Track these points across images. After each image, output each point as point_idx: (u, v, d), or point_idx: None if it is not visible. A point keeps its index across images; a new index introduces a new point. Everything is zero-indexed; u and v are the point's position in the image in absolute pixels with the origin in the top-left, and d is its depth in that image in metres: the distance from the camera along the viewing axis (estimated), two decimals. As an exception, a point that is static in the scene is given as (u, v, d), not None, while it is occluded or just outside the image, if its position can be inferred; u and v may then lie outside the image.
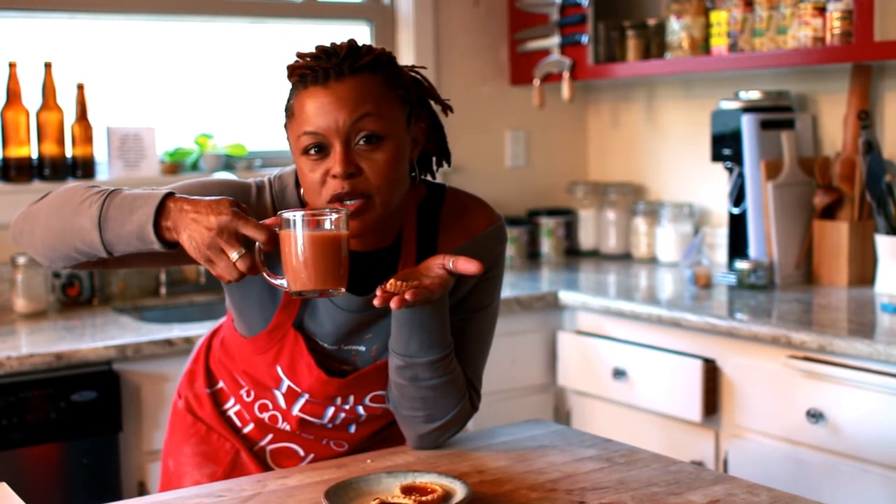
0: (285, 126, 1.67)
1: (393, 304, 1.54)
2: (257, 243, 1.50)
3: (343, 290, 1.55)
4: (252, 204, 1.70)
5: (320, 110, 1.58)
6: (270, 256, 1.60)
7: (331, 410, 1.81)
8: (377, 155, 1.60)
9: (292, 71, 1.63)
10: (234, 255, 1.49)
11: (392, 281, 1.56)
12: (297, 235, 1.51)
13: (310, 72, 1.60)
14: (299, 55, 1.64)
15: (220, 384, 1.92)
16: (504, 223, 1.81)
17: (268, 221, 1.52)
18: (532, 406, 3.20)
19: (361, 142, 1.60)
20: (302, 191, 1.69)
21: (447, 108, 1.78)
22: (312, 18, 3.69)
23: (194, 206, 1.51)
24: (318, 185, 1.60)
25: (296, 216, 1.51)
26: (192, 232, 1.50)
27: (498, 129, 3.98)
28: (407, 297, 1.54)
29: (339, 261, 1.53)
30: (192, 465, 1.92)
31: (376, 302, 1.55)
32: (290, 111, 1.64)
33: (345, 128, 1.58)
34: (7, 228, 3.10)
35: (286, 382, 1.78)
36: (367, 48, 1.64)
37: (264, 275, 1.54)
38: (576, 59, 3.68)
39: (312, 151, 1.60)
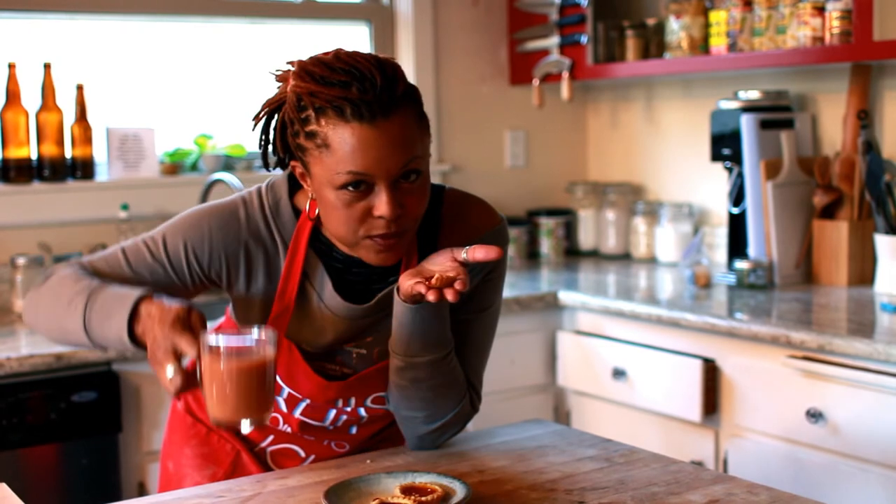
0: (305, 150, 1.58)
1: (449, 295, 1.52)
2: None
3: (267, 417, 1.49)
4: (242, 225, 1.69)
5: (369, 152, 1.52)
6: None
7: (332, 413, 1.80)
8: (416, 191, 1.59)
9: (319, 92, 1.54)
10: (168, 371, 1.47)
11: (437, 276, 1.54)
12: (216, 365, 1.44)
13: (349, 104, 1.52)
14: (316, 74, 1.55)
15: None
16: (506, 224, 1.81)
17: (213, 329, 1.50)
18: (532, 406, 3.20)
19: (406, 181, 1.57)
20: (317, 212, 1.66)
21: None
22: (311, 19, 3.69)
23: (155, 312, 1.52)
24: (356, 221, 1.57)
25: (218, 342, 1.44)
26: (148, 342, 1.51)
27: (497, 129, 3.98)
28: (457, 286, 1.53)
29: (264, 389, 1.46)
30: (192, 467, 1.92)
31: (431, 298, 1.53)
32: (321, 140, 1.55)
33: (396, 170, 1.54)
34: (7, 230, 3.11)
35: (286, 389, 1.77)
36: (392, 67, 1.57)
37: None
38: (575, 59, 3.68)
39: (351, 188, 1.55)
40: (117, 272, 1.70)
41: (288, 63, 1.65)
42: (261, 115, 1.70)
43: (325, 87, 1.54)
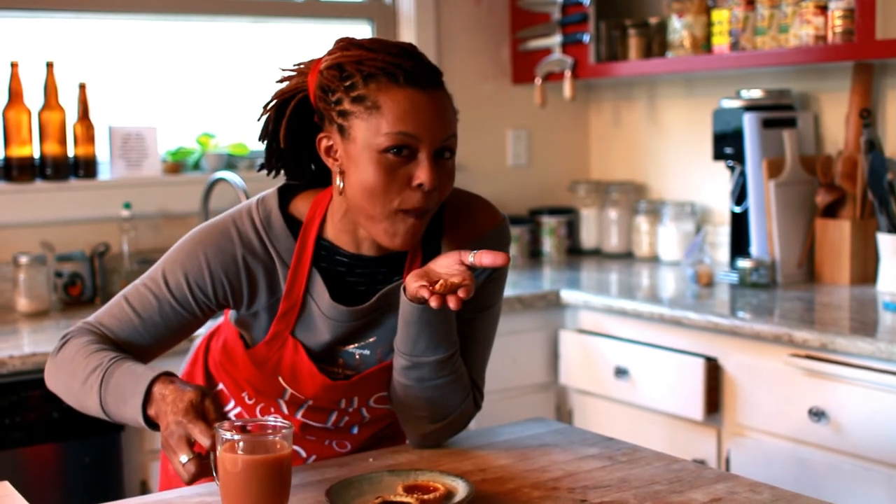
0: (348, 114, 1.59)
1: (451, 303, 1.53)
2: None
3: None
4: (236, 244, 1.68)
5: (420, 116, 1.56)
6: None
7: (334, 415, 1.80)
8: (448, 171, 1.63)
9: (367, 59, 1.58)
10: (182, 459, 1.46)
11: (441, 282, 1.54)
12: (231, 460, 1.42)
13: (402, 71, 1.56)
14: (364, 44, 1.60)
15: (220, 386, 1.90)
16: (508, 222, 1.81)
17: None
18: (534, 405, 3.19)
19: (441, 157, 1.60)
20: (332, 199, 1.67)
21: None
22: (314, 18, 3.69)
23: (168, 396, 1.52)
24: (393, 190, 1.58)
25: (233, 436, 1.42)
26: (161, 427, 1.52)
27: (500, 128, 3.98)
28: (461, 294, 1.53)
29: (280, 485, 1.44)
30: None
31: (434, 304, 1.53)
32: (371, 103, 1.57)
33: (439, 141, 1.58)
34: (9, 229, 3.11)
35: (289, 391, 1.77)
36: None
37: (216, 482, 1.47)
38: (577, 58, 3.68)
39: (394, 152, 1.57)
40: (127, 324, 1.70)
41: (296, 64, 1.70)
42: (269, 107, 1.70)
43: (376, 53, 1.58)
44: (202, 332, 2.12)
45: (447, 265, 1.60)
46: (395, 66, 1.57)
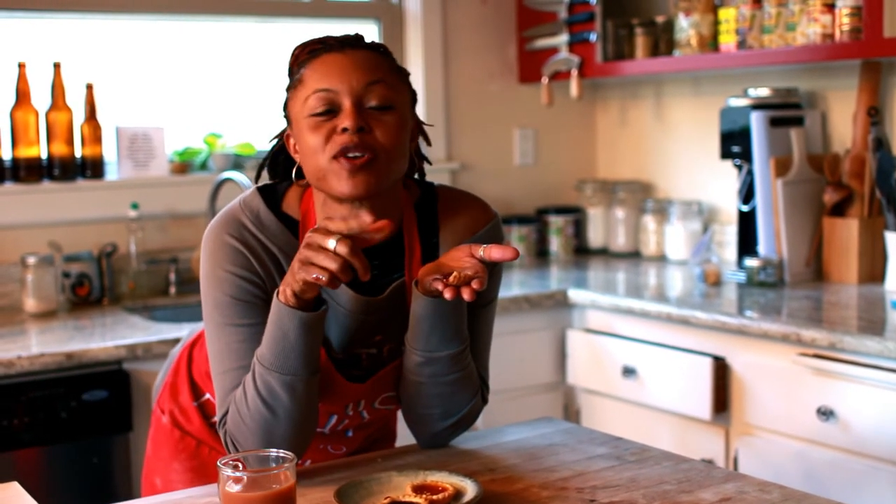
0: (287, 101, 1.68)
1: (466, 294, 1.54)
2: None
3: None
4: (241, 251, 1.66)
5: (334, 71, 1.62)
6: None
7: (333, 419, 1.77)
8: (386, 118, 1.63)
9: (301, 51, 1.67)
10: (330, 243, 1.47)
11: (455, 274, 1.56)
12: (238, 496, 1.39)
13: (321, 45, 1.65)
14: (301, 44, 1.70)
15: (207, 395, 1.88)
16: (500, 217, 1.83)
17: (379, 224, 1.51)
18: (542, 405, 3.19)
19: (372, 105, 1.62)
20: (297, 174, 1.72)
21: (427, 140, 1.85)
22: (321, 17, 3.69)
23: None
24: (321, 144, 1.60)
25: (237, 473, 1.40)
26: (293, 263, 1.53)
27: (506, 128, 3.97)
28: (475, 285, 1.54)
29: None
30: (183, 482, 1.88)
31: (448, 295, 1.54)
32: (298, 80, 1.65)
33: (359, 88, 1.61)
34: (17, 229, 3.12)
35: None
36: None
37: None
38: (584, 57, 3.67)
39: (320, 112, 1.61)
40: (244, 365, 1.65)
41: None
42: (273, 138, 1.81)
43: (307, 44, 1.67)
44: (182, 340, 2.08)
45: (458, 258, 1.60)
46: (319, 44, 1.65)
